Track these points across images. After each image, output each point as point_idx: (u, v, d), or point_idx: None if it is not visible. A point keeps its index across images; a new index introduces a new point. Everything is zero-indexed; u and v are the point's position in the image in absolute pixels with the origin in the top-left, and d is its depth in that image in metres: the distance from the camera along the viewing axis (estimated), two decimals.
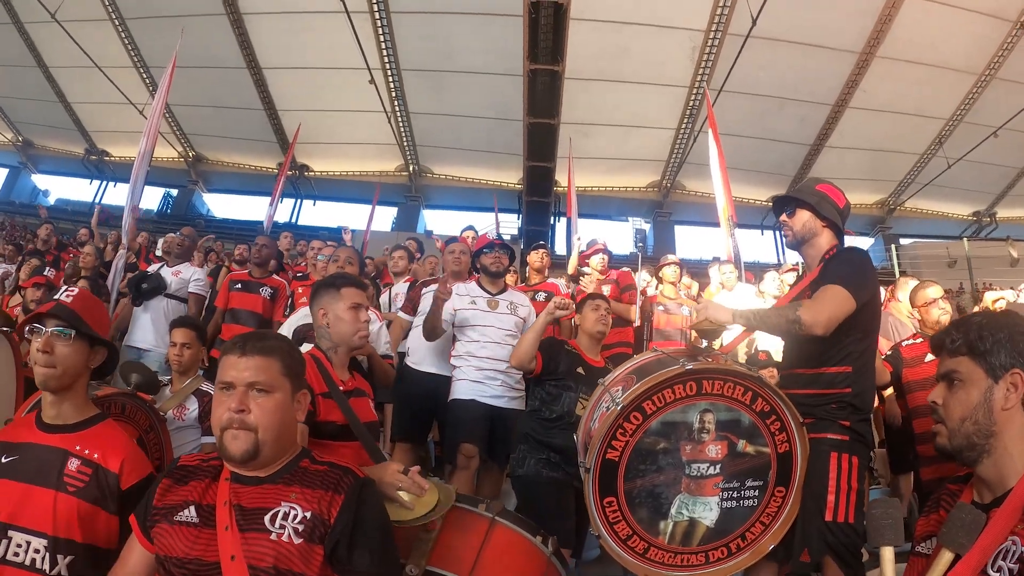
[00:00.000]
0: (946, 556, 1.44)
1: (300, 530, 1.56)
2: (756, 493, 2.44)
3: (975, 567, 1.39)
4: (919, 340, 3.95)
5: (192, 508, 1.63)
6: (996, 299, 4.19)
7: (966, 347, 1.57)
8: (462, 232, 7.20)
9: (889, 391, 4.16)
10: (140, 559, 1.70)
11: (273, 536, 1.55)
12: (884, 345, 4.12)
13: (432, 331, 4.03)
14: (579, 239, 7.08)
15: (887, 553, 1.46)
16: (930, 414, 1.66)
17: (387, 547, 1.68)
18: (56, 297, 2.17)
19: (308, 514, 1.58)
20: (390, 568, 1.68)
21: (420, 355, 4.44)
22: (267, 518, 1.58)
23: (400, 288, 5.66)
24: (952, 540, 1.43)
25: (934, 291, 4.13)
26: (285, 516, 1.58)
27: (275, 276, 5.65)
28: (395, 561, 1.75)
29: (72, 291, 2.20)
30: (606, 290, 5.59)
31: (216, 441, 1.66)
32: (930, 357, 3.45)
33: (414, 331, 4.51)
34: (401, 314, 4.83)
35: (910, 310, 4.95)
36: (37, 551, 1.88)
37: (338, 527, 1.58)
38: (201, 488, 1.68)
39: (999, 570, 1.38)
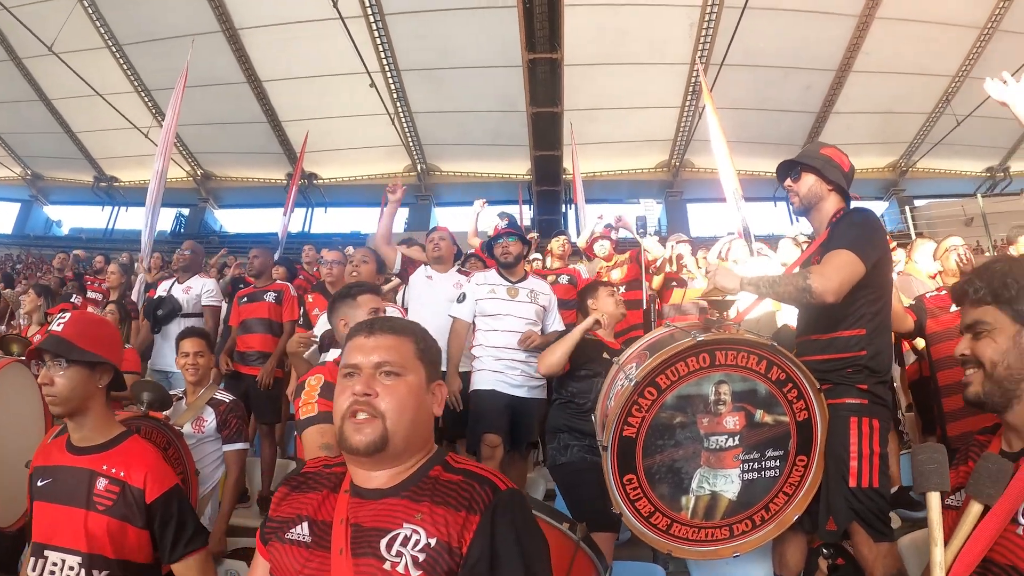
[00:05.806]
0: (975, 508, 1.42)
1: (420, 560, 1.26)
2: (777, 463, 2.42)
3: (1004, 517, 1.38)
4: (943, 292, 3.90)
5: (305, 525, 1.40)
6: None
7: (991, 295, 1.53)
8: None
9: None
10: (266, 574, 1.46)
11: (387, 565, 1.26)
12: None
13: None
14: (600, 218, 7.02)
15: (933, 499, 1.43)
16: (957, 365, 1.63)
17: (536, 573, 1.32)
18: (50, 328, 2.15)
19: (432, 541, 1.28)
20: None
21: None
22: (384, 542, 1.29)
23: None
24: (980, 491, 1.41)
25: (951, 240, 4.12)
26: (405, 541, 1.28)
27: (278, 281, 5.60)
28: None
29: (64, 318, 2.15)
30: (617, 275, 5.56)
31: (337, 434, 1.41)
32: (955, 307, 3.41)
33: None
34: None
35: (930, 272, 4.91)
36: (72, 568, 1.95)
37: (471, 558, 1.27)
38: (317, 500, 1.44)
39: None
